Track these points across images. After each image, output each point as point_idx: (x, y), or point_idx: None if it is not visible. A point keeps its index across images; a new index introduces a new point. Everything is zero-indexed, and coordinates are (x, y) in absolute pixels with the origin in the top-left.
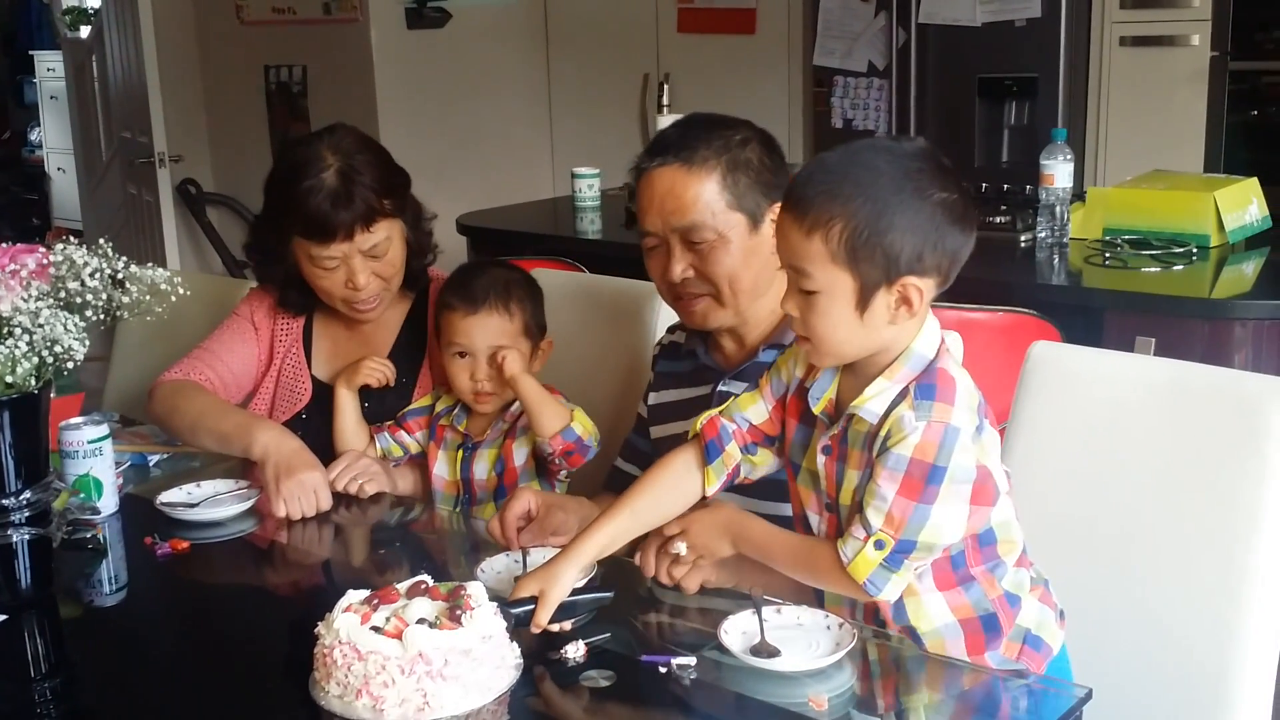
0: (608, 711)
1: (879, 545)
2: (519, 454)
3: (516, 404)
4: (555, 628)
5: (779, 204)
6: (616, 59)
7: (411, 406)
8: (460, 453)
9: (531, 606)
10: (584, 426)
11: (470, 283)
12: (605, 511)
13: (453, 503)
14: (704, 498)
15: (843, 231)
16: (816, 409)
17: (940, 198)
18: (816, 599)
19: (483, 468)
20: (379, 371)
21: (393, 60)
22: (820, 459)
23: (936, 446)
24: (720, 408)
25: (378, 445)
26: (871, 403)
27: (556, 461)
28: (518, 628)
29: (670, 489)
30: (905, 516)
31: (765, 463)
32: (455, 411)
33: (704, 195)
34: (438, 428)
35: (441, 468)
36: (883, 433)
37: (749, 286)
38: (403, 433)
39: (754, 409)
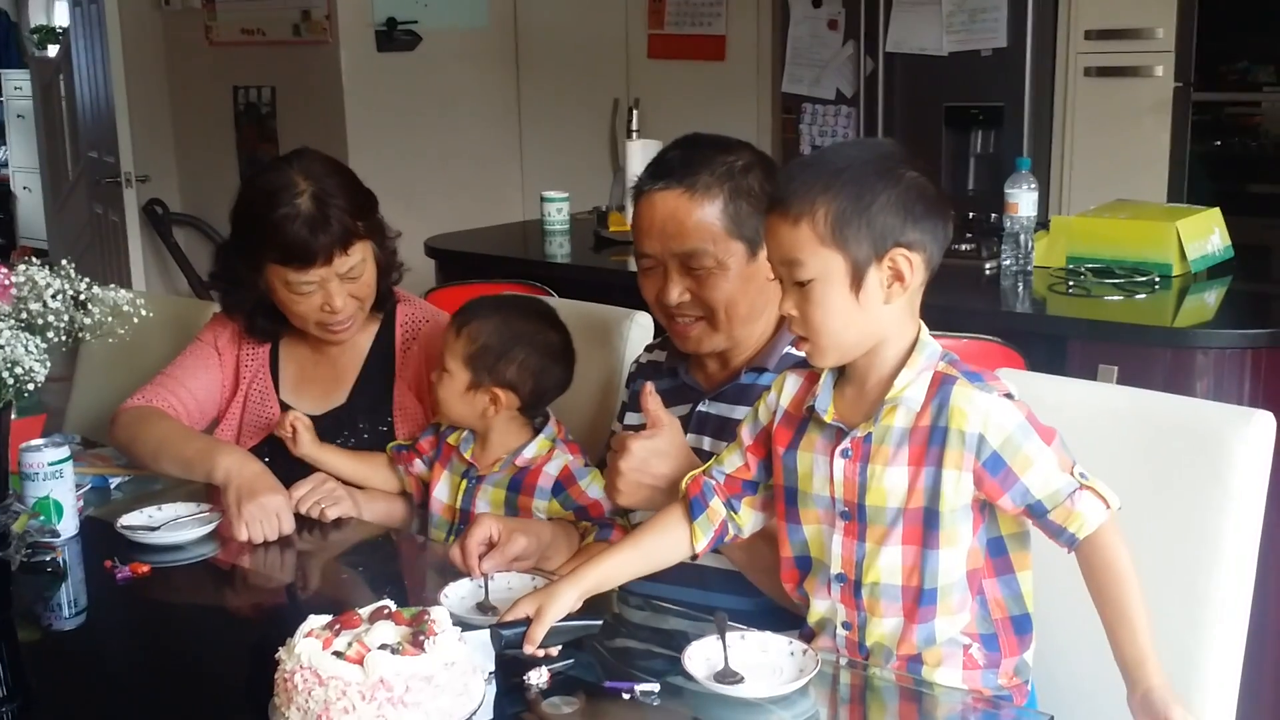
0: None
1: (1084, 476)
2: (539, 515)
3: (530, 449)
4: (542, 652)
5: None
6: (586, 84)
7: (426, 429)
8: (464, 482)
9: (523, 628)
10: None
11: (484, 299)
12: (613, 545)
13: (447, 528)
14: (695, 555)
15: (827, 214)
16: (828, 418)
17: (912, 177)
18: (788, 626)
19: (485, 504)
20: (284, 431)
21: (362, 82)
22: (839, 464)
23: (1025, 406)
24: (703, 467)
25: (399, 477)
26: (909, 391)
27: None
28: (507, 649)
29: (674, 535)
30: (1063, 450)
31: (749, 519)
32: (463, 436)
33: (705, 222)
34: (445, 447)
35: (442, 491)
36: (965, 429)
37: (744, 312)
38: (418, 460)
39: (730, 459)
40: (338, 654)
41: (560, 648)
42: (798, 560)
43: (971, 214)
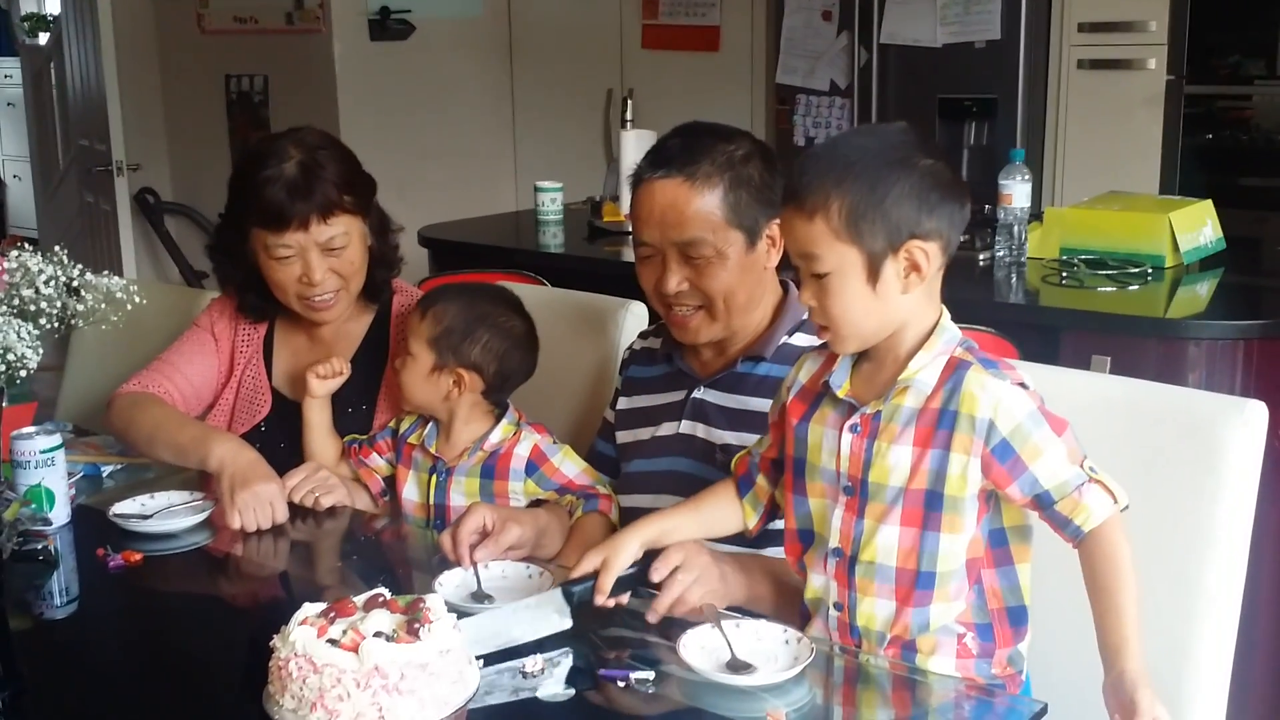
0: None
1: (1094, 470)
2: (516, 498)
3: (495, 434)
4: (612, 602)
5: (776, 220)
6: (580, 74)
7: (383, 429)
8: (433, 477)
9: (591, 583)
10: (578, 464)
11: (450, 285)
12: (676, 505)
13: (423, 526)
14: (750, 533)
15: (841, 208)
16: (841, 393)
17: (927, 164)
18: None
19: (460, 496)
20: (325, 370)
21: (355, 71)
22: (846, 438)
23: (1038, 396)
24: (748, 448)
25: (349, 469)
26: (923, 373)
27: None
28: (579, 605)
29: (729, 508)
30: (1074, 442)
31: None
32: (425, 431)
33: (705, 211)
34: (405, 447)
35: (411, 491)
36: (975, 414)
37: (743, 302)
38: (375, 455)
39: (765, 439)
40: (332, 642)
41: (629, 594)
42: (800, 533)
43: None
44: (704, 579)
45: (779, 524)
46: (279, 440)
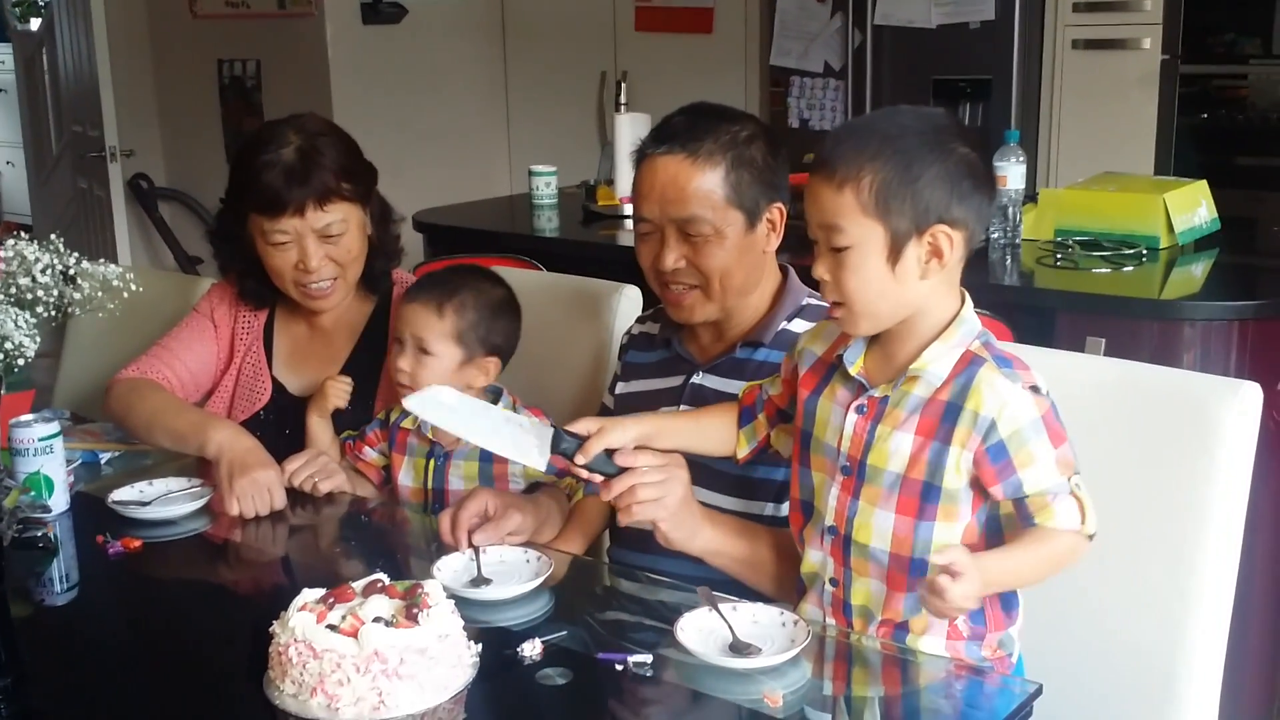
0: (564, 709)
1: (1078, 487)
2: (515, 481)
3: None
4: (585, 474)
5: (777, 204)
6: (574, 57)
7: (372, 422)
8: (430, 461)
9: (579, 442)
10: None
11: (431, 275)
12: (678, 411)
13: (420, 511)
14: (738, 460)
15: (873, 183)
16: (853, 370)
17: (963, 152)
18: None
19: (459, 480)
20: (340, 389)
21: (348, 55)
22: (851, 418)
23: (1047, 403)
24: (760, 382)
25: (349, 466)
26: (934, 365)
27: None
28: (562, 451)
29: (727, 431)
30: (1070, 455)
31: (784, 444)
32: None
33: (705, 188)
34: (399, 433)
35: (406, 476)
36: (979, 411)
37: (739, 283)
38: (366, 448)
39: (777, 382)
40: (332, 627)
41: (606, 476)
42: (803, 505)
43: None
44: (667, 491)
45: (782, 510)
46: (278, 427)
